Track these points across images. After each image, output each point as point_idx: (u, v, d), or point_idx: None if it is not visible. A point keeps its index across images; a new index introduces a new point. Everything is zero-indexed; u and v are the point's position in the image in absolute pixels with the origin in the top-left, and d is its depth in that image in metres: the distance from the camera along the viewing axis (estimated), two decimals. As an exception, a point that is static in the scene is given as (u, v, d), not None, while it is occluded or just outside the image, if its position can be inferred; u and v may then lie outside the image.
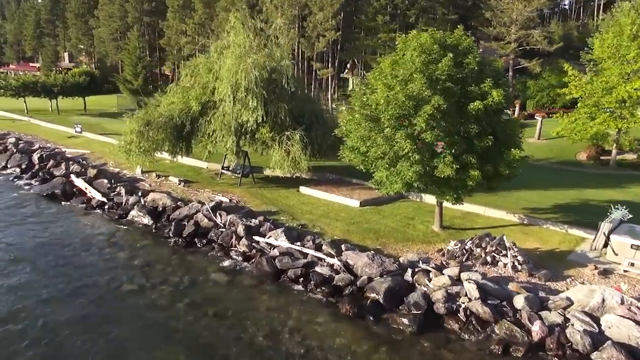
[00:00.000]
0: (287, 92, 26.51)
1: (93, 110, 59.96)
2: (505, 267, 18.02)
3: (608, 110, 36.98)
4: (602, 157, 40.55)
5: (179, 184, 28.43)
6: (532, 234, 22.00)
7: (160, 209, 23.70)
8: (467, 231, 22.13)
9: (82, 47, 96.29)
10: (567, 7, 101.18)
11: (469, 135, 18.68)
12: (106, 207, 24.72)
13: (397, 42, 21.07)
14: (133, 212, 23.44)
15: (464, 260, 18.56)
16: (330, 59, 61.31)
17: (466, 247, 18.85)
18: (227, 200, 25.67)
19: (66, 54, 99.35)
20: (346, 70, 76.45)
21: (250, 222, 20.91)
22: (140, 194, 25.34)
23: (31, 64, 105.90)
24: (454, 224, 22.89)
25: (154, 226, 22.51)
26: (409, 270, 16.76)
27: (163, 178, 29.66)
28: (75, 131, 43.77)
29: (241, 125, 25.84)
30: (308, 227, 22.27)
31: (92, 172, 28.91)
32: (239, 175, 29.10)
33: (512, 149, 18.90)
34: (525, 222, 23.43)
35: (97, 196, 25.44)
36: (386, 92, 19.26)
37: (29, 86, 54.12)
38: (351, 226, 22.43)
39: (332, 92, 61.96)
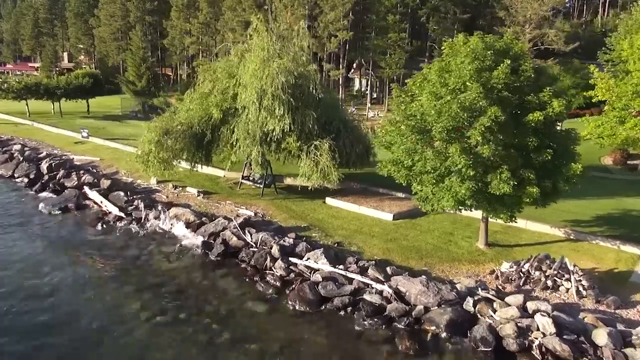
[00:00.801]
0: (315, 98, 24.99)
1: (96, 113, 58.21)
2: (567, 292, 16.59)
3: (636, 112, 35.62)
4: (628, 162, 39.24)
5: (198, 196, 26.88)
6: (584, 251, 20.60)
7: (185, 225, 22.12)
8: (514, 249, 20.73)
9: (81, 46, 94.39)
10: (568, 5, 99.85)
11: (526, 149, 17.24)
12: (125, 222, 23.11)
13: (442, 48, 19.60)
14: (156, 227, 21.87)
15: (521, 284, 17.12)
16: (339, 60, 59.76)
17: (523, 270, 17.42)
18: (252, 214, 24.15)
19: (65, 54, 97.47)
20: (352, 70, 74.96)
21: (284, 241, 19.39)
22: (159, 207, 23.76)
23: (29, 64, 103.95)
24: (497, 240, 21.46)
25: (178, 244, 20.96)
26: (469, 299, 15.31)
27: (180, 189, 28.11)
28: (82, 136, 42.09)
29: (266, 134, 24.31)
30: (344, 245, 20.79)
31: (105, 183, 27.31)
32: (260, 186, 27.58)
33: (572, 163, 17.46)
34: (572, 237, 22.03)
35: (114, 210, 23.84)
36: (433, 102, 17.82)
37: (31, 88, 52.36)
38: (389, 244, 20.97)
39: (341, 94, 60.46)
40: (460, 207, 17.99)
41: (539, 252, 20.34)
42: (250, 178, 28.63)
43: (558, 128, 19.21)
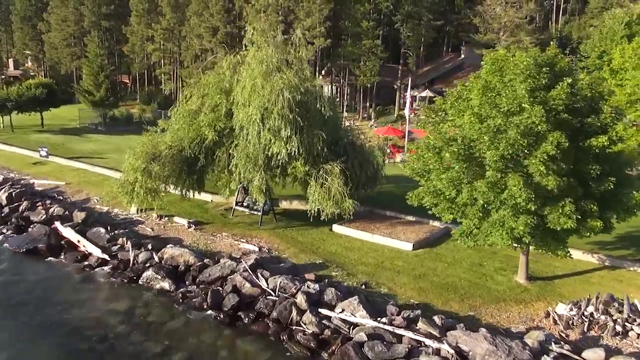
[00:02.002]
0: (322, 117, 22.47)
1: (52, 127, 53.36)
2: (638, 338, 14.78)
3: (633, 123, 35.09)
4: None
5: (189, 227, 23.76)
6: (626, 280, 19.02)
7: (182, 268, 19.03)
8: (555, 282, 18.88)
9: (29, 53, 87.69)
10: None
11: (586, 177, 15.39)
12: (109, 266, 19.71)
13: (482, 62, 17.57)
14: (147, 274, 18.65)
15: (586, 330, 15.21)
16: (315, 67, 57.30)
17: (585, 314, 15.51)
18: (257, 249, 21.34)
19: (11, 61, 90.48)
20: (320, 77, 72.72)
21: (308, 286, 16.73)
22: (149, 246, 20.51)
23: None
24: (532, 271, 19.55)
25: (180, 295, 17.77)
26: (545, 359, 13.18)
27: (166, 219, 24.86)
28: (40, 155, 37.76)
29: (269, 158, 21.55)
30: (372, 287, 18.35)
31: (79, 216, 23.73)
32: (257, 213, 24.75)
33: (634, 192, 15.74)
34: (607, 264, 20.48)
35: (96, 252, 20.39)
36: (477, 125, 15.71)
37: (-24, 101, 47.24)
38: (420, 281, 18.68)
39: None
40: (515, 245, 15.92)
41: (581, 284, 18.73)
42: (245, 204, 25.74)
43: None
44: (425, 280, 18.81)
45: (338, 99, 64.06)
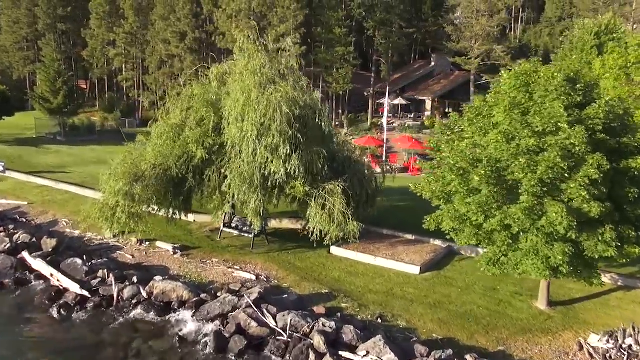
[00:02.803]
0: (322, 132, 20.91)
1: (5, 137, 49.42)
2: (680, 371, 13.94)
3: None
4: None
5: (175, 254, 21.63)
6: (645, 302, 18.34)
7: (176, 304, 16.95)
8: (576, 307, 17.96)
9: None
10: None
11: (622, 201, 14.46)
12: (90, 304, 17.34)
13: (501, 76, 16.47)
14: (136, 313, 16.51)
15: (625, 364, 14.25)
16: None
17: (624, 346, 14.54)
18: (254, 277, 19.51)
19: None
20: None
21: (323, 324, 15.08)
22: (135, 279, 18.28)
23: None
24: (550, 295, 18.56)
25: (177, 338, 15.65)
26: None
27: (147, 244, 22.62)
28: (-4, 171, 34.51)
29: (265, 177, 19.77)
30: (388, 319, 16.85)
31: (50, 243, 21.17)
32: (248, 234, 22.89)
33: (668, 215, 14.92)
34: (621, 284, 19.79)
35: (73, 287, 17.94)
36: (504, 145, 14.55)
37: None
38: (438, 311, 17.34)
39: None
40: (553, 276, 14.79)
41: (602, 308, 17.92)
42: (234, 225, 23.80)
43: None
44: (442, 309, 17.50)
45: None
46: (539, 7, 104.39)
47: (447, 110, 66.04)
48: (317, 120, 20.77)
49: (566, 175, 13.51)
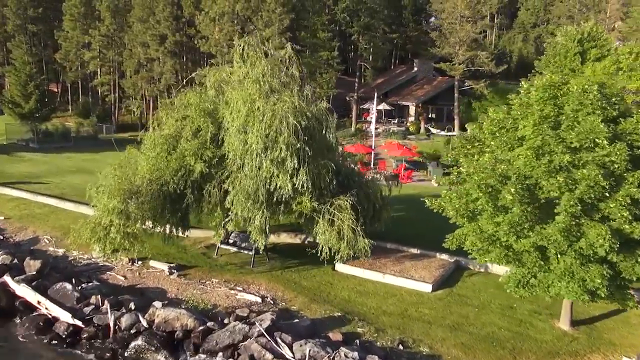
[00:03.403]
0: (330, 145, 19.87)
1: (-27, 144, 46.82)
2: None
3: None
4: None
5: (170, 274, 20.21)
6: (665, 320, 17.87)
7: (180, 334, 15.54)
8: (597, 325, 17.37)
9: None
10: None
11: (655, 219, 13.83)
12: (84, 336, 15.78)
13: (521, 86, 15.77)
14: (137, 344, 15.05)
15: (663, 391, 13.61)
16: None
17: (659, 371, 13.92)
18: (259, 300, 18.28)
19: None
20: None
21: (345, 355, 13.98)
22: (132, 305, 16.80)
23: None
24: (568, 313, 17.96)
25: (182, 371, 14.39)
26: None
27: (140, 263, 21.11)
28: (-34, 182, 32.26)
29: (270, 192, 18.58)
30: (409, 345, 15.86)
31: (33, 265, 19.44)
32: (247, 251, 21.66)
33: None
34: (637, 299, 19.30)
35: (64, 316, 16.33)
36: (532, 162, 13.80)
37: None
38: (459, 335, 16.46)
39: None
40: (590, 300, 14.05)
41: (624, 327, 17.40)
42: (231, 241, 22.52)
43: None
44: (463, 332, 16.63)
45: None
46: (512, 14, 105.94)
47: (430, 116, 65.89)
48: (323, 132, 19.74)
49: (606, 194, 12.79)
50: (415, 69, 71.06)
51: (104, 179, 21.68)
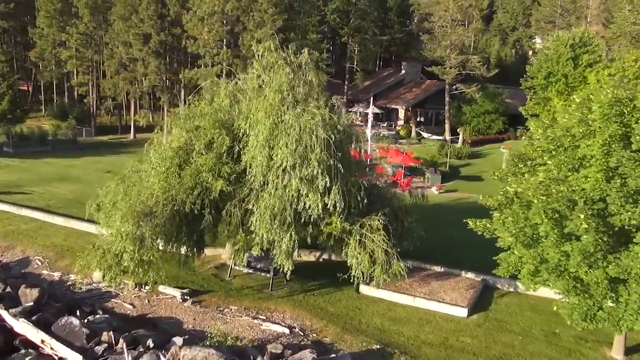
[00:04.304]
0: (358, 160, 18.43)
1: (-58, 149, 43.59)
2: None
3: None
4: None
5: (183, 301, 18.42)
6: None
7: (211, 377, 13.88)
8: (649, 352, 16.46)
9: None
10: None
11: None
12: (98, 379, 13.96)
13: (575, 94, 14.67)
14: (163, 392, 13.32)
15: None
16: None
17: None
18: (287, 331, 16.70)
19: None
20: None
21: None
22: (150, 342, 14.96)
23: None
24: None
25: None
26: None
27: (147, 288, 19.20)
28: (-60, 194, 29.56)
29: (298, 212, 17.00)
30: (461, 383, 14.59)
31: (30, 294, 17.33)
32: (263, 273, 20.05)
33: None
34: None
35: (73, 358, 14.39)
36: (603, 184, 12.68)
37: None
38: (510, 368, 15.29)
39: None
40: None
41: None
42: (245, 263, 20.81)
43: None
44: (514, 366, 15.45)
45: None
46: (487, 17, 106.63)
47: (419, 119, 65.18)
48: (352, 146, 18.30)
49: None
50: (403, 71, 70.36)
51: (104, 195, 19.93)
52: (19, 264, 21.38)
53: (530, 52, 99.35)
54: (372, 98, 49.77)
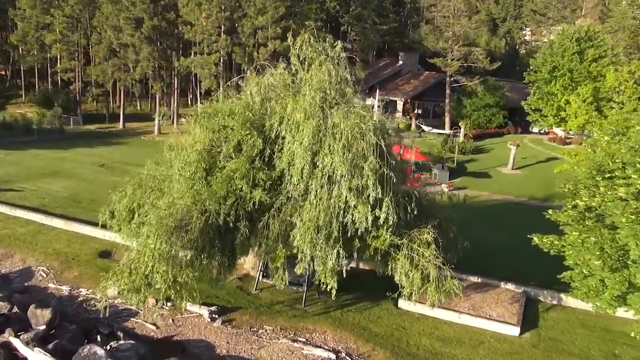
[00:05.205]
0: (402, 166, 16.87)
1: None
2: None
3: None
4: None
5: (212, 320, 16.70)
6: None
7: (262, 417, 12.26)
8: None
9: None
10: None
11: None
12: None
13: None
14: None
15: None
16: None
17: None
18: (333, 356, 15.17)
19: None
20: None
21: None
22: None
23: None
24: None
25: None
26: None
27: (170, 305, 17.36)
28: None
29: (343, 225, 15.35)
30: (536, 419, 13.30)
31: (42, 315, 15.35)
32: (295, 287, 18.44)
33: None
34: None
35: (102, 395, 12.61)
36: None
37: None
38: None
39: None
40: None
41: None
42: (287, 282, 19.13)
43: None
44: (584, 394, 14.26)
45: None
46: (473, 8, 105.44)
47: (417, 112, 63.79)
48: (402, 152, 16.71)
49: None
50: (401, 62, 68.64)
51: (118, 201, 18.01)
52: (21, 275, 19.29)
53: (522, 44, 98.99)
54: (377, 89, 48.02)
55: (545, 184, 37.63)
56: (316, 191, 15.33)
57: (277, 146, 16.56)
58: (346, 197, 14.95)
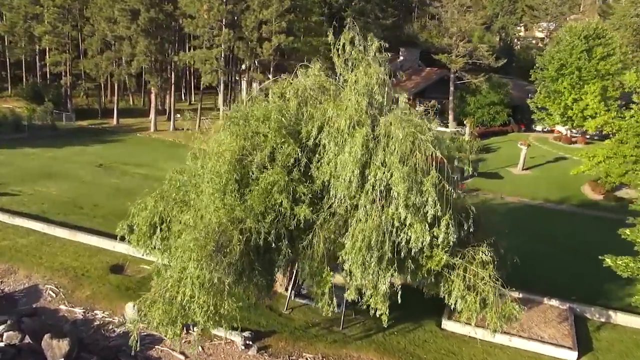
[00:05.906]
0: (453, 179, 15.42)
1: None
2: None
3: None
4: (617, 194, 36.36)
5: (247, 347, 15.13)
6: None
7: None
8: None
9: None
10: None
11: None
12: None
13: None
14: None
15: None
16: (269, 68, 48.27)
17: None
18: (386, 391, 13.75)
19: None
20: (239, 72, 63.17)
21: None
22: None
23: None
24: None
25: None
26: None
27: (197, 330, 15.65)
28: None
29: (397, 245, 13.87)
30: None
31: (59, 348, 13.65)
32: (331, 307, 16.88)
33: None
34: None
35: None
36: None
37: None
38: None
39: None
40: None
41: None
42: (304, 291, 17.73)
43: None
44: None
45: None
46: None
47: (417, 109, 62.51)
48: (455, 163, 15.24)
49: None
50: (401, 58, 67.20)
51: (137, 213, 16.29)
52: (27, 294, 17.47)
53: (516, 40, 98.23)
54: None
55: (557, 186, 36.69)
56: (365, 207, 13.82)
57: (316, 155, 14.98)
58: (402, 215, 13.45)
